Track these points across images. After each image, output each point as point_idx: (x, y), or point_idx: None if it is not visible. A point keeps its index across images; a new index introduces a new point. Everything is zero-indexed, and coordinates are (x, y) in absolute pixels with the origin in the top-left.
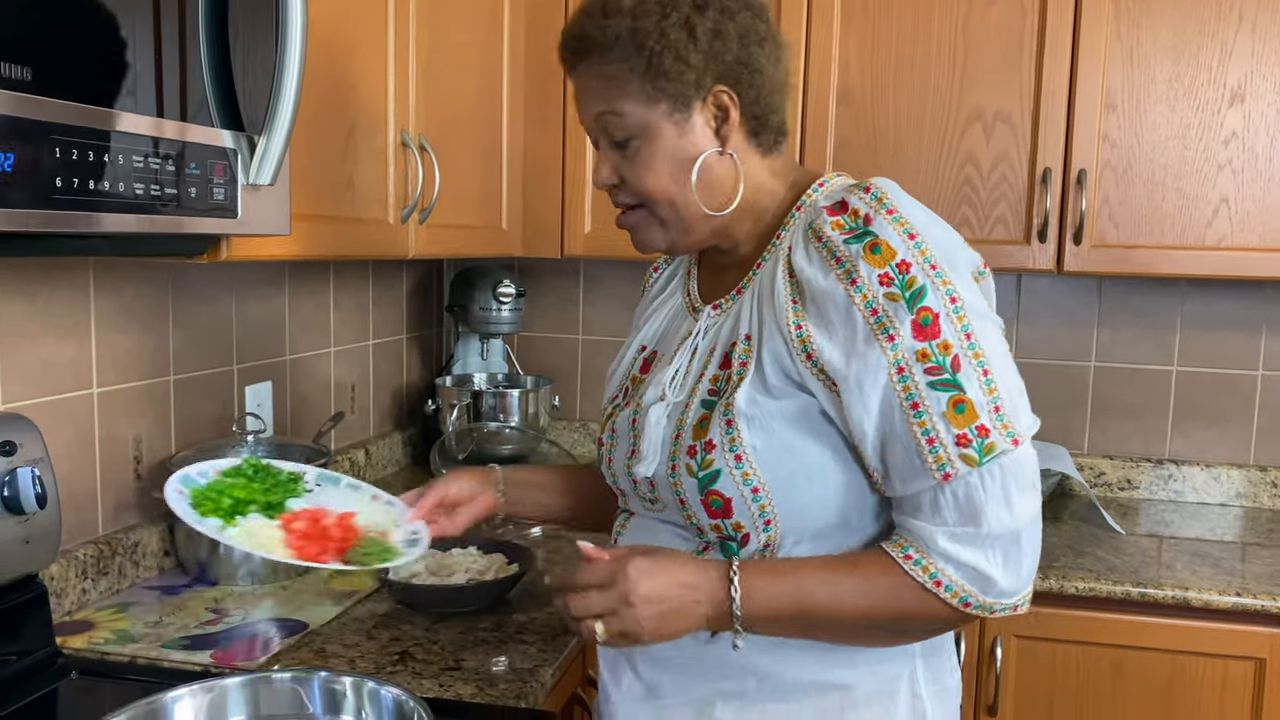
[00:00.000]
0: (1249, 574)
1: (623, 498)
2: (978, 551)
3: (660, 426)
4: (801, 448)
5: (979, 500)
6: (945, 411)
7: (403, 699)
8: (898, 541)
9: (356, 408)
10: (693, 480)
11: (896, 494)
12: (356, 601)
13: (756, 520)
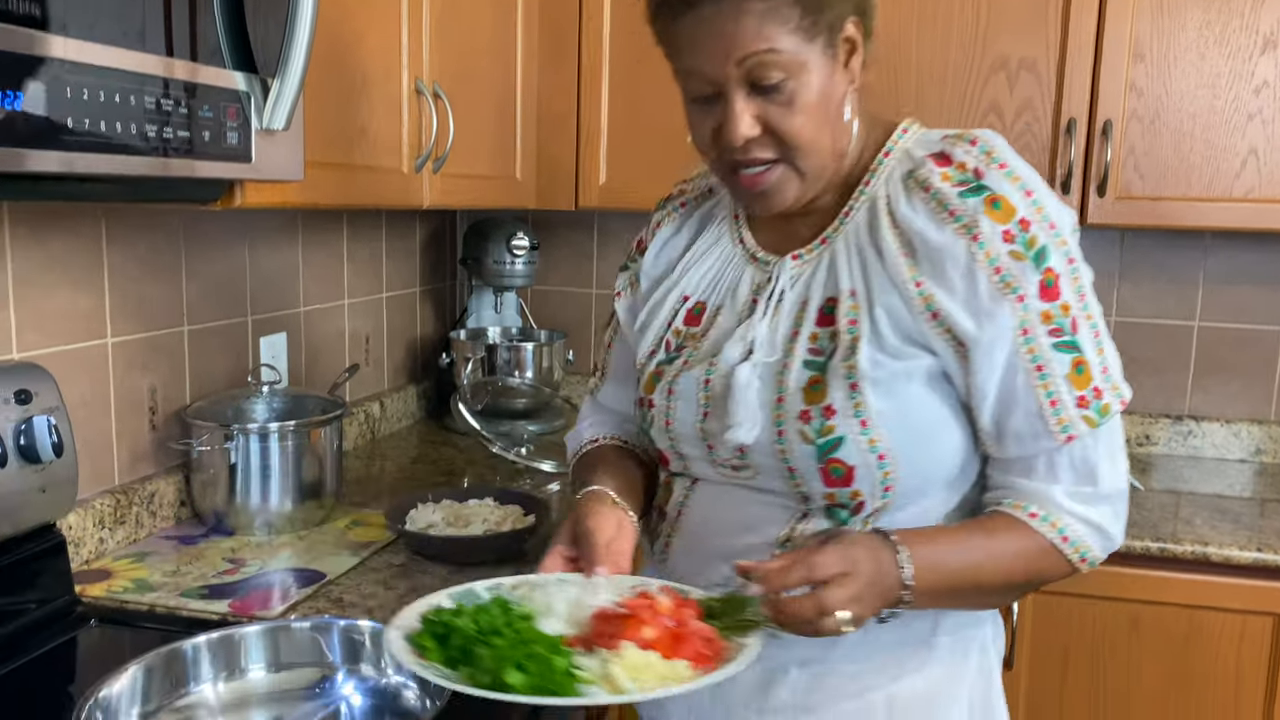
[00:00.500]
0: (1269, 529)
1: (678, 460)
2: (1094, 509)
3: (753, 389)
4: (924, 410)
5: (1093, 460)
6: (1068, 374)
7: None
8: (1016, 503)
9: (371, 360)
10: (808, 448)
11: (1009, 455)
12: (374, 552)
13: (876, 487)
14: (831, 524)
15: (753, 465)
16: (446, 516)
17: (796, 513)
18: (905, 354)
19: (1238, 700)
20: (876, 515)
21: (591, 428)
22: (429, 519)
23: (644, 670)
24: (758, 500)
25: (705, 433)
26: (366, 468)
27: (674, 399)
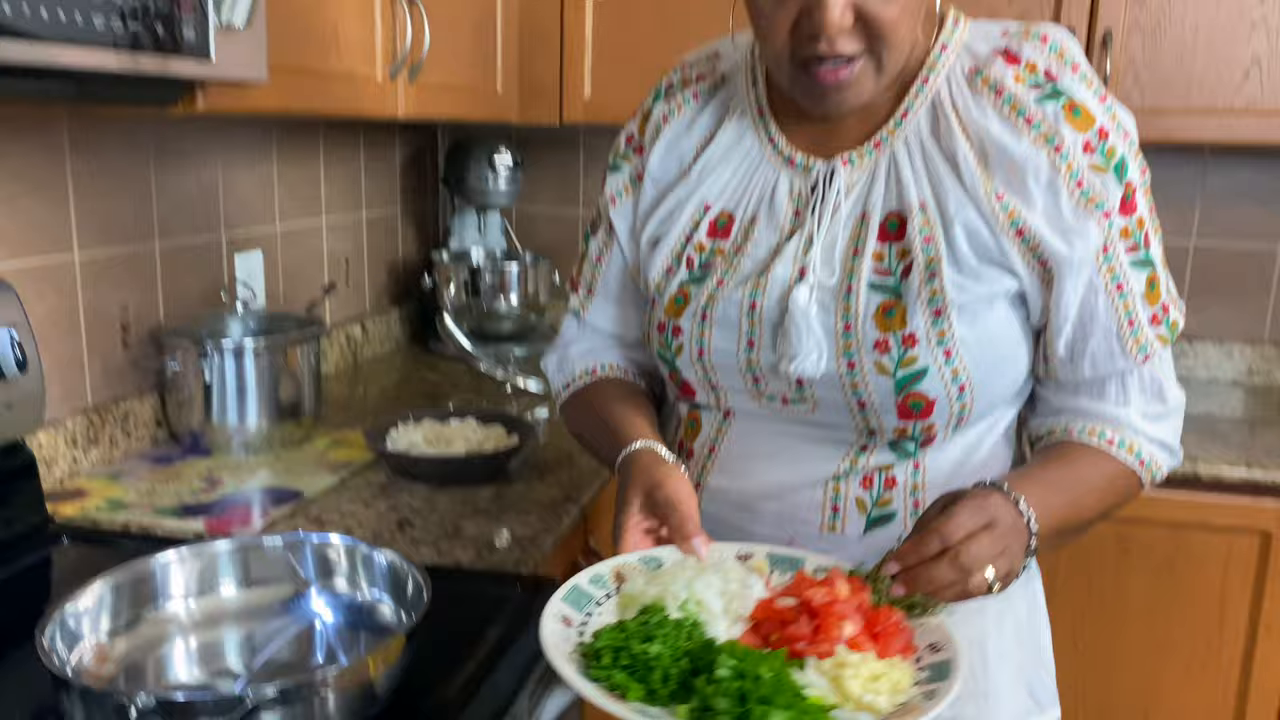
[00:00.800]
0: (1259, 448)
1: (708, 393)
2: (1163, 426)
3: (813, 315)
4: (1002, 335)
5: (1160, 378)
6: (1144, 291)
7: (397, 563)
8: (1090, 428)
9: (351, 282)
10: (886, 380)
11: (1082, 378)
12: (353, 472)
13: (952, 419)
14: (895, 457)
15: (812, 399)
16: (428, 436)
17: (855, 446)
18: (986, 276)
19: (1222, 618)
20: (936, 444)
21: (584, 356)
22: (410, 439)
23: (876, 680)
24: (809, 435)
25: (752, 364)
26: (348, 390)
27: (709, 325)
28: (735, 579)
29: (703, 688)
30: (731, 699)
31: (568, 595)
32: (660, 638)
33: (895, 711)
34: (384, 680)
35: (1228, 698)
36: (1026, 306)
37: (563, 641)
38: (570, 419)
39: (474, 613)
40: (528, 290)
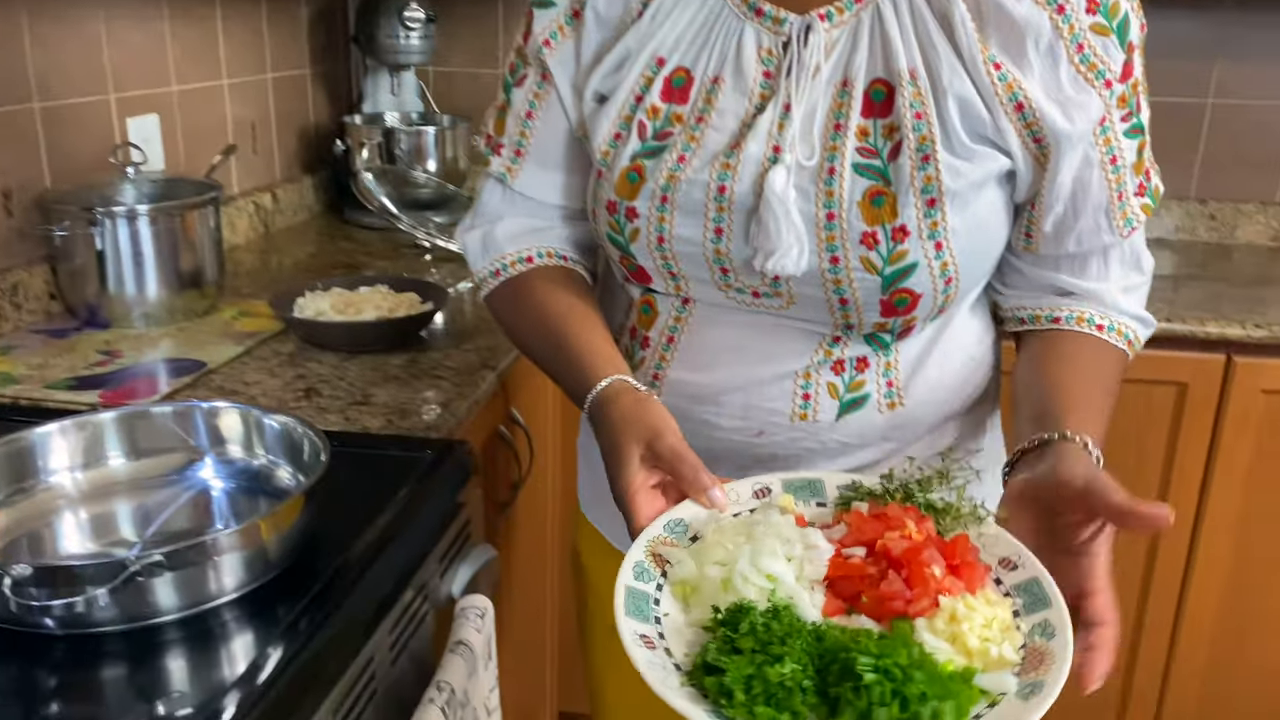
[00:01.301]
0: (1181, 302)
1: (666, 281)
2: (1137, 296)
3: (791, 202)
4: (990, 219)
5: (1139, 245)
6: (1134, 161)
7: (291, 425)
8: (1078, 316)
9: (259, 148)
10: (873, 278)
11: (1065, 253)
12: (260, 342)
13: (931, 313)
14: (870, 349)
15: (788, 295)
16: (336, 304)
17: (828, 339)
18: (978, 156)
19: (1139, 468)
20: (912, 334)
21: (515, 238)
22: (318, 306)
23: (989, 627)
24: (780, 327)
25: (721, 255)
26: (261, 261)
27: (670, 209)
28: (791, 537)
29: (850, 698)
30: (889, 706)
31: (628, 605)
32: (786, 652)
33: (1028, 658)
34: (278, 544)
35: (1139, 543)
36: (1013, 184)
37: (664, 673)
38: (501, 314)
39: (381, 478)
40: (446, 156)
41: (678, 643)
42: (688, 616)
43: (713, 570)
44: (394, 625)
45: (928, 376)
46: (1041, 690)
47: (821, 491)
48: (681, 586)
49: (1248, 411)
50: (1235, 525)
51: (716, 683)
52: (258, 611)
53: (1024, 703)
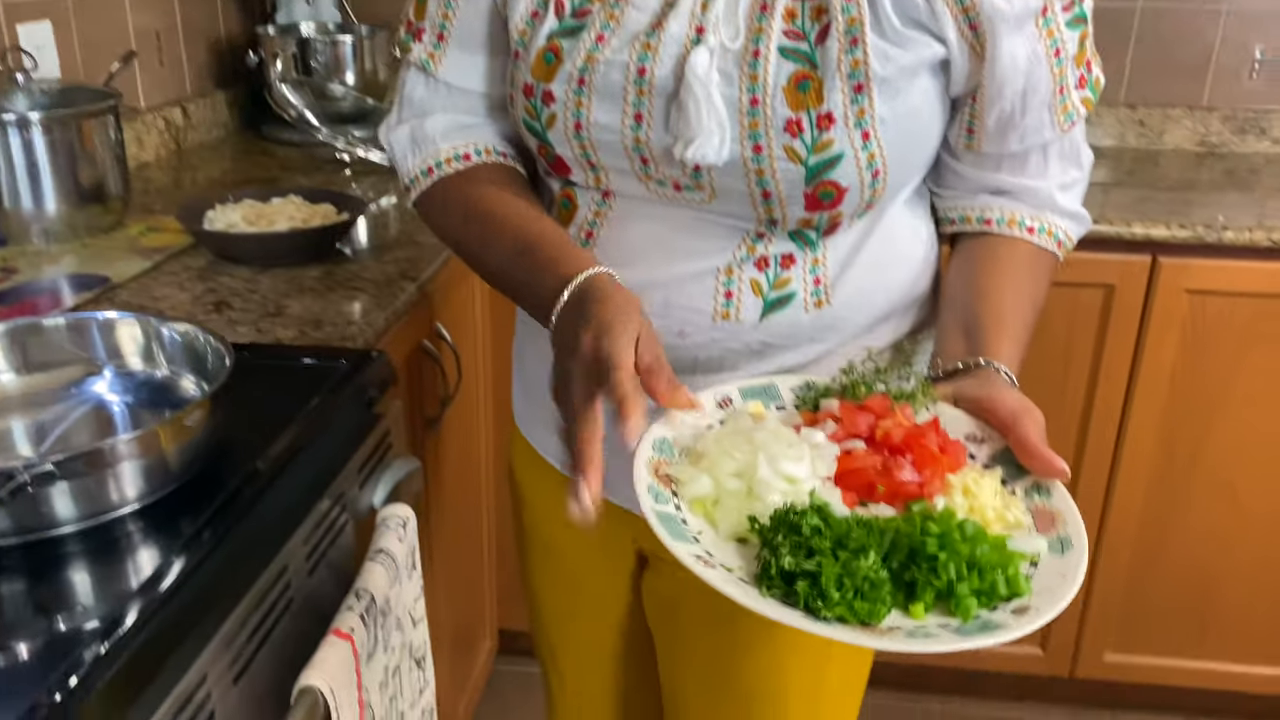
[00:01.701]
0: (1110, 205)
1: (586, 172)
2: (1074, 193)
3: (715, 86)
4: (925, 111)
5: (1078, 140)
6: (1075, 53)
7: (193, 334)
8: (1009, 218)
9: (166, 60)
10: (796, 168)
11: (1007, 151)
12: (169, 257)
13: (858, 209)
14: (795, 246)
15: (710, 187)
16: (248, 216)
17: (751, 234)
18: (910, 41)
19: (1066, 370)
20: (839, 231)
21: (449, 133)
22: (229, 219)
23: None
24: (702, 222)
25: (640, 144)
26: (173, 179)
27: (589, 93)
28: (794, 439)
29: (930, 579)
30: (967, 579)
31: (670, 529)
32: (869, 545)
33: (1038, 519)
34: (180, 453)
35: (1068, 445)
36: (948, 75)
37: (743, 588)
38: (437, 216)
39: (293, 388)
40: (365, 67)
41: (724, 558)
42: (718, 531)
43: (732, 483)
44: (309, 535)
45: (857, 276)
46: (1072, 544)
47: (777, 395)
48: (700, 504)
49: (1172, 311)
50: (1159, 423)
51: (808, 585)
52: (162, 522)
53: (1063, 558)
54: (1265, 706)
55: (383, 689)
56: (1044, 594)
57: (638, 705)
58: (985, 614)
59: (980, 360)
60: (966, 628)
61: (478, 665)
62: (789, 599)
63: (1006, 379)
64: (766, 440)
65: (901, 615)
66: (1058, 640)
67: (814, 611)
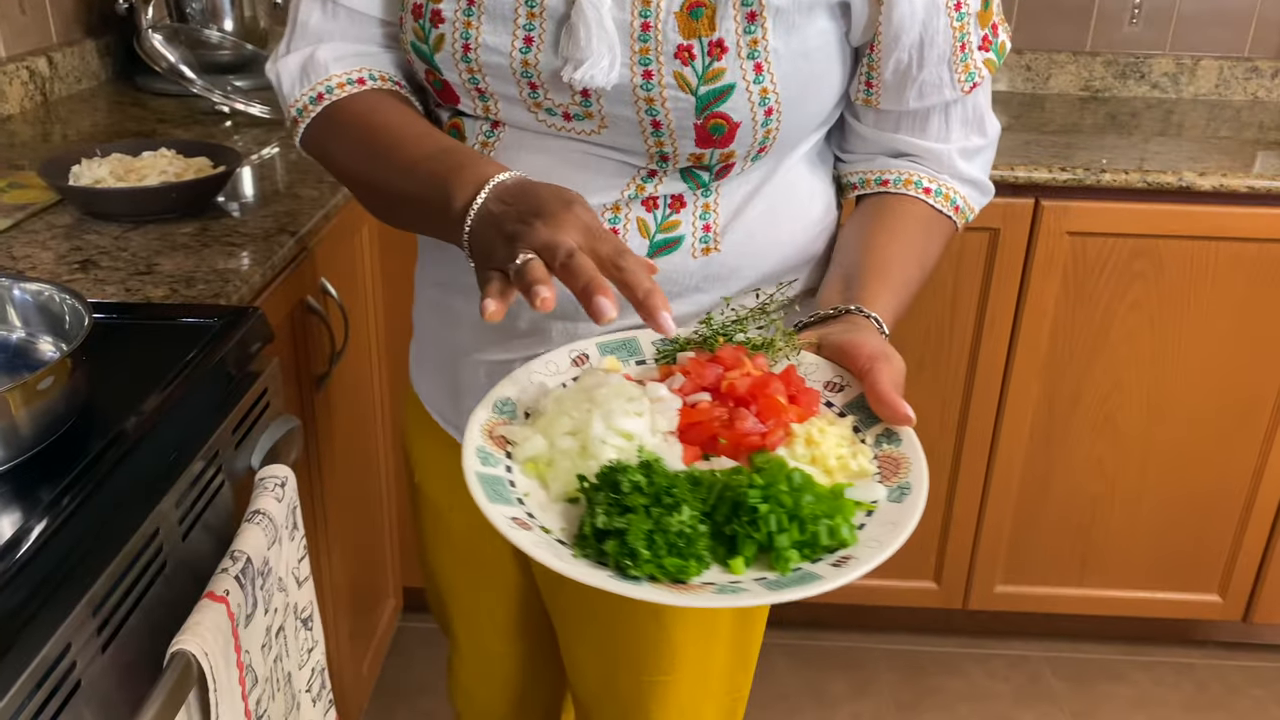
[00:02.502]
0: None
1: (474, 100)
2: (979, 161)
3: (608, 9)
4: (819, 50)
5: (983, 106)
6: (979, 10)
7: (48, 293)
8: (906, 178)
9: (28, 6)
10: (686, 97)
11: (906, 108)
12: (31, 214)
13: (753, 149)
14: (686, 186)
15: (599, 116)
16: (117, 170)
17: (642, 172)
18: None
19: (953, 315)
20: (732, 174)
21: (341, 59)
22: (96, 174)
23: (840, 446)
24: (590, 156)
25: (529, 67)
26: (40, 133)
27: (479, 14)
28: (635, 394)
29: (749, 531)
30: (788, 530)
31: (489, 492)
32: (681, 500)
33: (884, 466)
34: (36, 416)
35: (956, 385)
36: (849, 20)
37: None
38: (326, 143)
39: (164, 348)
40: (244, 14)
41: (549, 519)
42: (549, 492)
43: (565, 441)
44: (181, 498)
45: (749, 225)
46: (911, 490)
47: (638, 349)
48: (533, 464)
49: (1054, 253)
50: (1043, 362)
51: (617, 544)
52: (20, 488)
53: (900, 505)
54: (1144, 629)
55: (265, 650)
56: (870, 544)
57: (541, 666)
58: (807, 566)
59: (852, 307)
60: (781, 580)
61: (381, 623)
62: (604, 559)
63: (875, 326)
64: (606, 397)
65: (722, 570)
66: (951, 574)
67: (624, 570)
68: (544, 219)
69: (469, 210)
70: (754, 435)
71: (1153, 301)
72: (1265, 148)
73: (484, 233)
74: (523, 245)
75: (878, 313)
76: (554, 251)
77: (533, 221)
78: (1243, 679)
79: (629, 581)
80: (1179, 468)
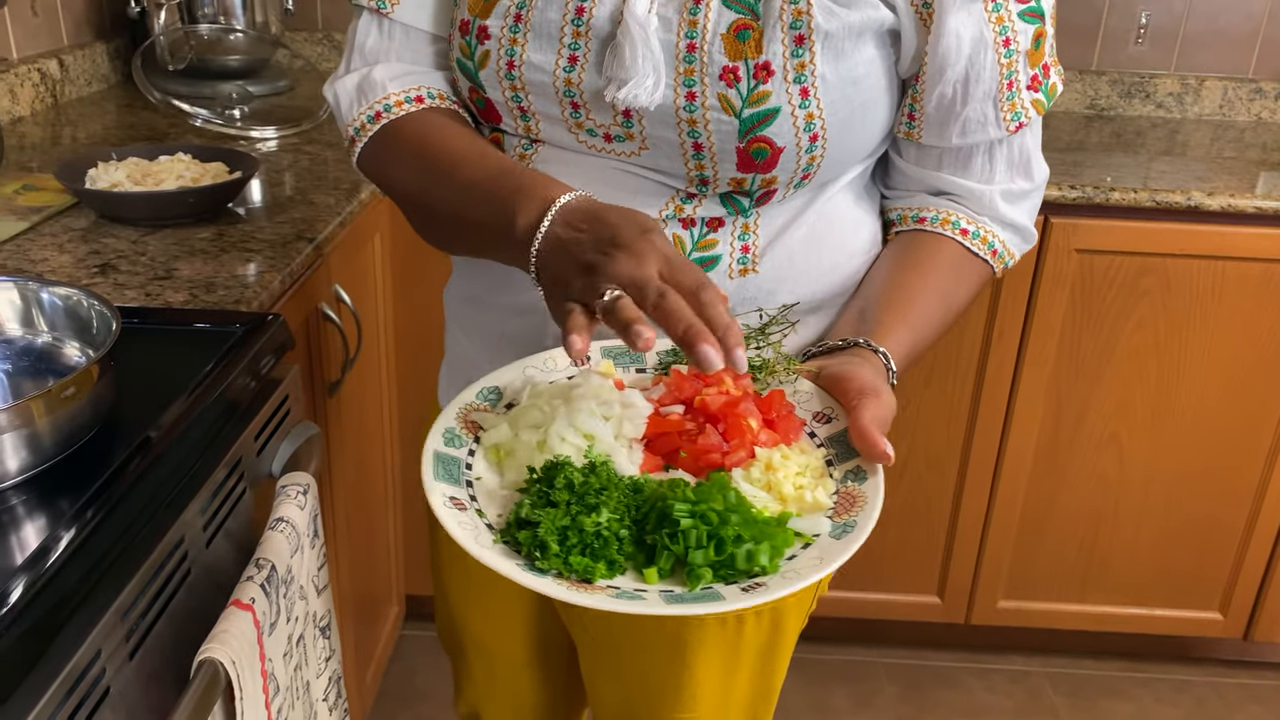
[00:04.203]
0: None
1: (517, 119)
2: (1024, 206)
3: (653, 29)
4: (867, 78)
5: (1029, 149)
6: (1028, 49)
7: (76, 298)
8: (944, 217)
9: (40, 9)
10: (730, 120)
11: (949, 144)
12: (48, 217)
13: (796, 175)
14: (725, 210)
15: (641, 138)
16: (134, 175)
17: (681, 194)
18: (860, 3)
19: (961, 331)
20: (773, 202)
21: (398, 78)
22: (113, 178)
23: (802, 475)
24: (629, 175)
25: (572, 87)
26: (50, 135)
27: (525, 32)
28: (610, 398)
29: (667, 543)
30: (705, 549)
31: (437, 470)
32: (602, 502)
33: (840, 502)
34: (63, 423)
35: (964, 401)
36: (899, 50)
37: (475, 533)
38: (383, 163)
39: (187, 353)
40: (255, 19)
41: (490, 505)
42: (502, 480)
43: (527, 434)
44: (205, 505)
45: (789, 248)
46: (854, 529)
47: (641, 357)
48: (496, 451)
49: (1061, 270)
50: (1050, 379)
51: (530, 535)
52: (47, 495)
53: (837, 541)
54: (1145, 646)
55: (287, 659)
56: (789, 574)
57: (558, 690)
58: (718, 586)
59: (861, 340)
60: (683, 595)
61: (384, 632)
62: (519, 549)
63: (882, 361)
64: (580, 396)
65: (635, 577)
66: (954, 588)
67: (534, 562)
68: (623, 249)
69: (535, 234)
70: (715, 453)
71: (1159, 320)
72: (1269, 168)
73: (556, 260)
74: (604, 279)
75: (888, 348)
76: (643, 290)
77: (612, 252)
78: (1242, 697)
79: (533, 573)
80: (1182, 485)
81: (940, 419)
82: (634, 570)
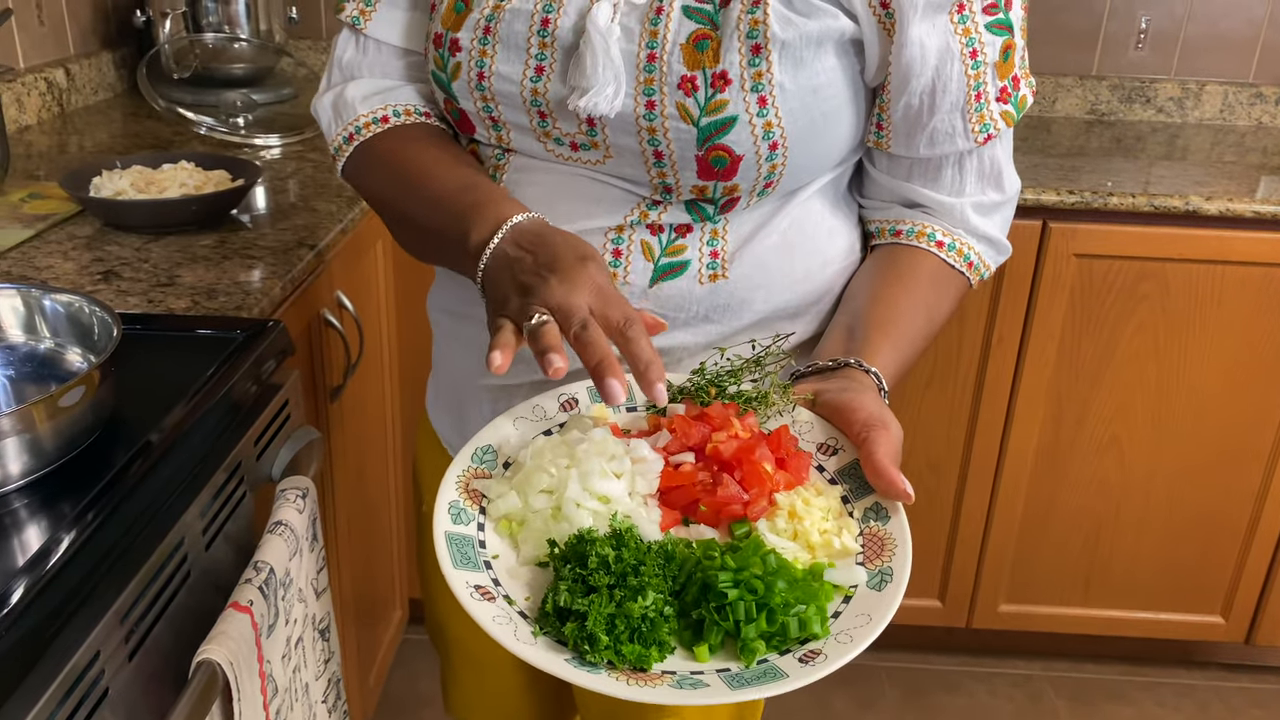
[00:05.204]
0: None
1: (489, 129)
2: (996, 218)
3: (614, 39)
4: (831, 88)
5: (1000, 161)
6: (996, 61)
7: (78, 304)
8: (919, 230)
9: (47, 18)
10: (688, 128)
11: (917, 155)
12: (53, 225)
13: (758, 182)
14: (690, 218)
15: (604, 145)
16: (137, 183)
17: (646, 200)
18: (818, 12)
19: (961, 336)
20: (738, 209)
21: (367, 97)
22: (117, 186)
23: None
24: (596, 183)
25: (539, 96)
26: (57, 143)
27: (494, 43)
28: (617, 452)
29: (715, 618)
30: (755, 621)
31: (455, 555)
32: (645, 583)
33: (868, 545)
34: (66, 427)
35: (962, 408)
36: (863, 59)
37: (512, 626)
38: (362, 180)
39: (188, 359)
40: (259, 28)
41: (514, 585)
42: (519, 555)
43: (539, 500)
44: (205, 509)
45: (760, 255)
46: (893, 578)
47: (630, 395)
48: (506, 523)
49: (1061, 275)
50: (1049, 383)
51: (576, 628)
52: (48, 498)
53: (879, 594)
54: (1147, 649)
55: (285, 661)
56: (842, 638)
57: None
58: (774, 659)
59: (851, 360)
60: (744, 675)
61: (387, 635)
62: (564, 638)
63: (874, 382)
64: (587, 453)
65: (685, 655)
66: (955, 592)
67: (583, 655)
68: (559, 275)
69: (485, 249)
70: (736, 504)
71: (1159, 324)
72: (1269, 173)
73: (499, 277)
74: (536, 301)
75: (878, 368)
76: (568, 317)
77: (547, 276)
78: (1244, 700)
79: (586, 669)
80: (1183, 489)
81: (941, 422)
82: (680, 646)
